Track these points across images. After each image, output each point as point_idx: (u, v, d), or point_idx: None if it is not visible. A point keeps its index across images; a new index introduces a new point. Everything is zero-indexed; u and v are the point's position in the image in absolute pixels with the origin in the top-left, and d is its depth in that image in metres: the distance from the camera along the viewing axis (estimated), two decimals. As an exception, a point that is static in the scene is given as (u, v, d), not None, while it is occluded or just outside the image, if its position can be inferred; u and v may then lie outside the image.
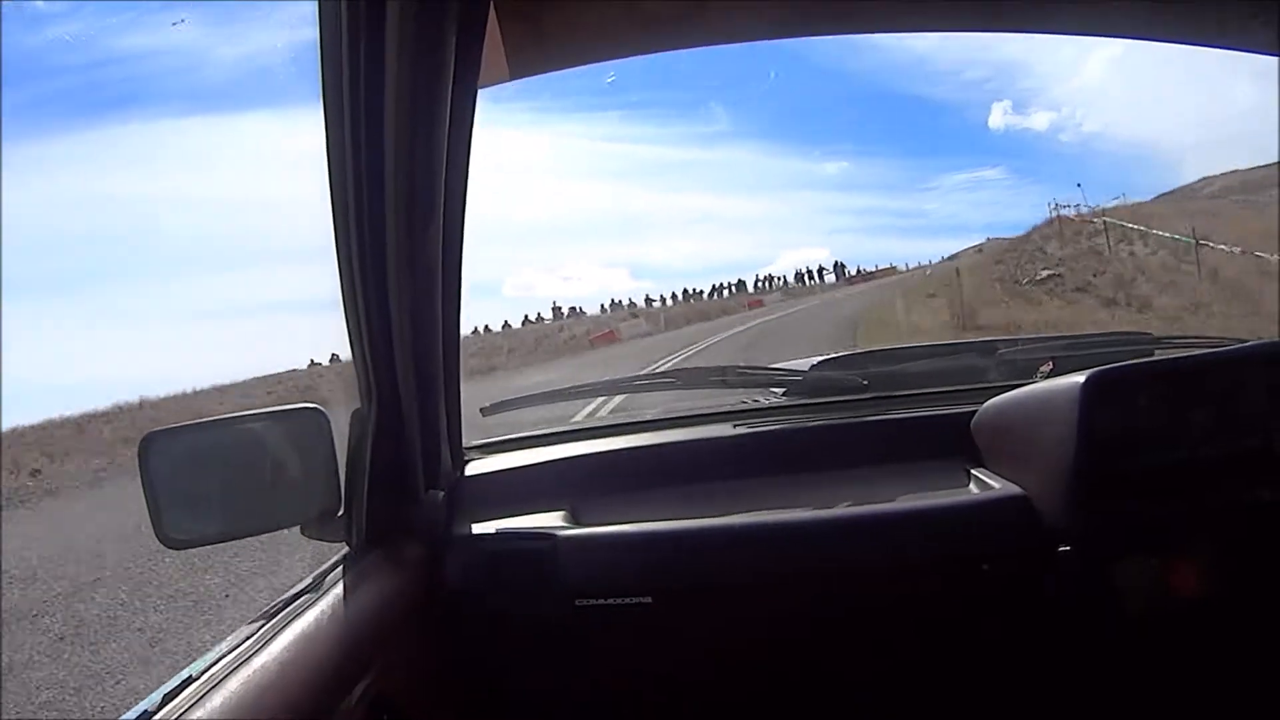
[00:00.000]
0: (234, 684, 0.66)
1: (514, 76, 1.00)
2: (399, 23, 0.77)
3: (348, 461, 0.92)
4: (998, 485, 1.05)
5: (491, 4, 0.91)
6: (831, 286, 31.55)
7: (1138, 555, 1.00)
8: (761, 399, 1.39)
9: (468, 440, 1.18)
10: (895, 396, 1.30)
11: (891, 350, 1.64)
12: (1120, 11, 1.13)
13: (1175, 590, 1.00)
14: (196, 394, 16.86)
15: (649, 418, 1.35)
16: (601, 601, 0.98)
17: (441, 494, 1.02)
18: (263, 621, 0.79)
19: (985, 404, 1.14)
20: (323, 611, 0.81)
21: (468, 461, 1.19)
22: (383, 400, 0.91)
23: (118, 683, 3.42)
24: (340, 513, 0.93)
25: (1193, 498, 1.01)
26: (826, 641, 1.03)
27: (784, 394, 1.37)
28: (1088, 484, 0.96)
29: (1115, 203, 16.38)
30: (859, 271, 32.96)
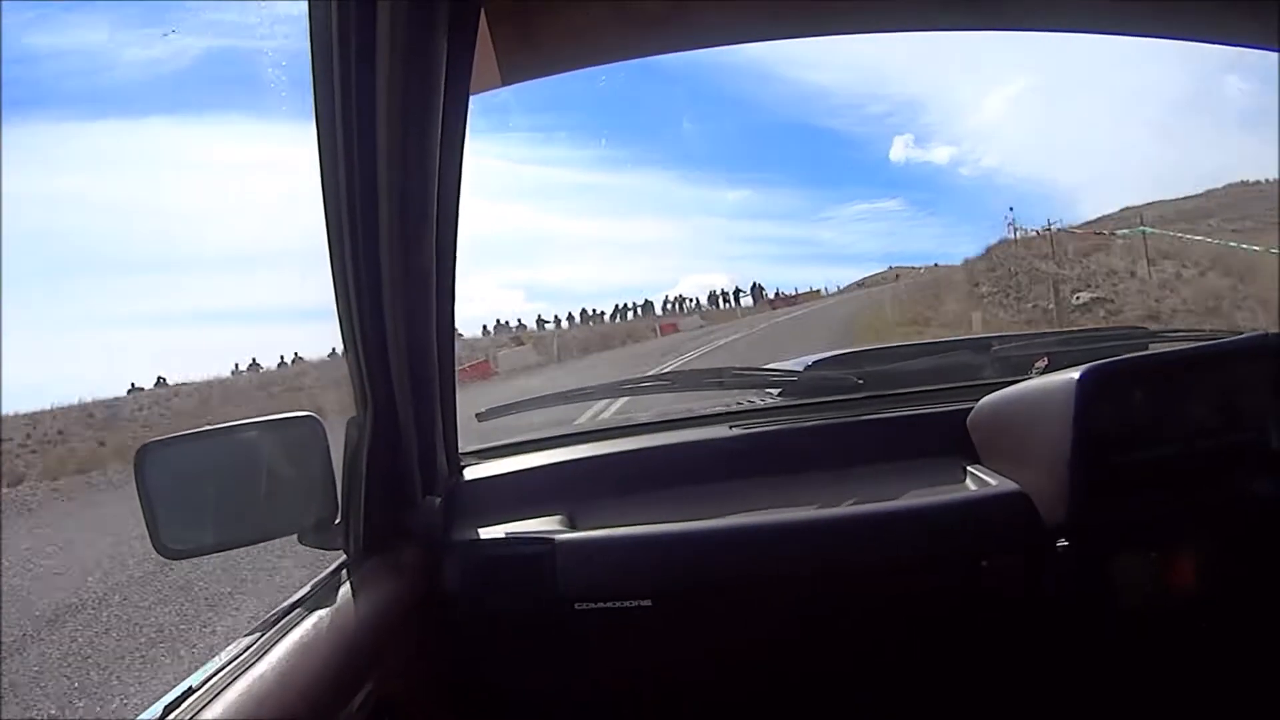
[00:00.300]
0: (234, 694, 0.66)
1: (506, 83, 1.01)
2: (390, 29, 0.77)
3: (344, 468, 0.92)
4: (995, 482, 1.05)
5: (482, 10, 0.91)
6: (750, 310, 28.37)
7: (1135, 550, 1.00)
8: (757, 400, 1.39)
9: (464, 446, 1.18)
10: (891, 395, 1.30)
11: (886, 349, 1.64)
12: (1115, 8, 1.13)
13: (1172, 585, 1.00)
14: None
15: (645, 420, 1.35)
16: (600, 605, 0.98)
17: (438, 500, 1.02)
18: (262, 631, 0.78)
19: (981, 401, 1.14)
20: (321, 619, 0.80)
21: (464, 467, 1.18)
22: (378, 407, 0.91)
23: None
24: (337, 520, 0.93)
25: (1189, 492, 1.01)
26: (826, 641, 1.03)
27: (780, 394, 1.37)
28: (1084, 479, 0.97)
29: (1056, 227, 15.81)
30: (779, 295, 30.16)
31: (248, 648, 0.75)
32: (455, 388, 1.06)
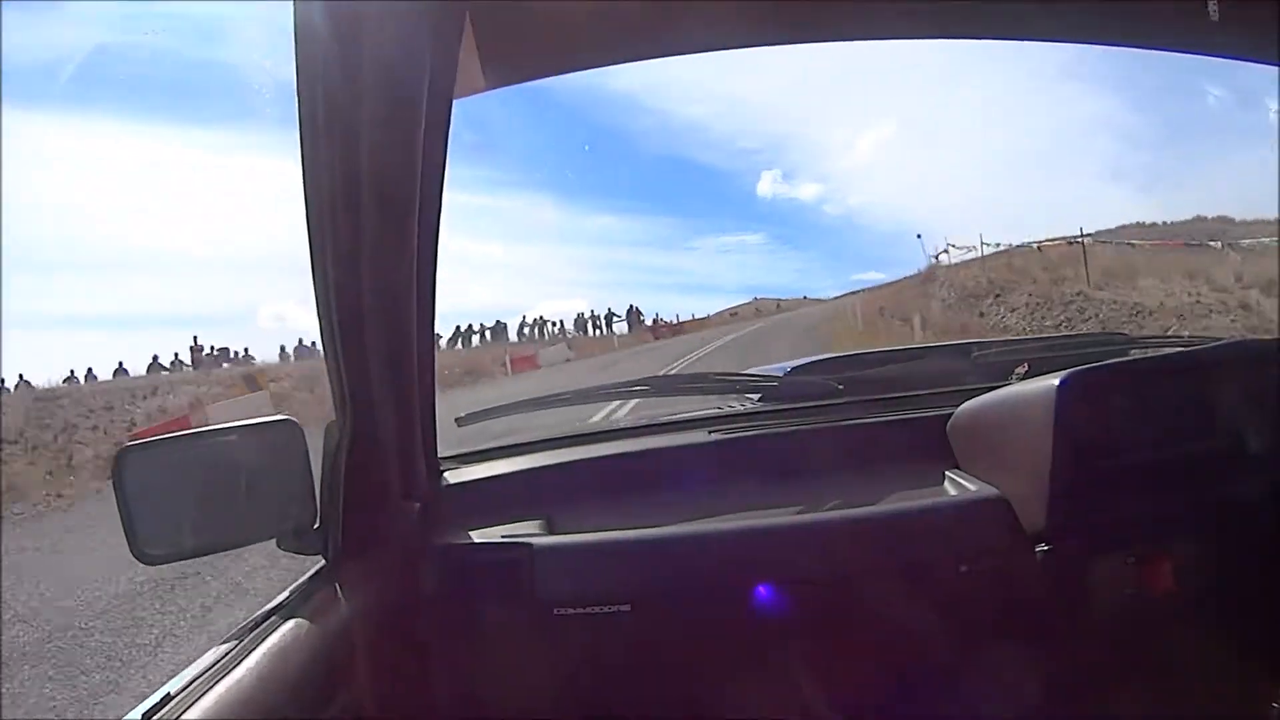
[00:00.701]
0: (212, 699, 0.66)
1: (489, 86, 1.01)
2: (375, 33, 0.78)
3: (323, 473, 0.92)
4: (975, 487, 1.06)
5: (467, 15, 0.91)
6: (627, 338, 24.87)
7: (1115, 553, 1.01)
8: (737, 405, 1.39)
9: (443, 451, 1.17)
10: (871, 400, 1.30)
11: (866, 354, 1.64)
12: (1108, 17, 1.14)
13: (1152, 587, 1.00)
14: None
15: (624, 425, 1.35)
16: (580, 610, 0.98)
17: (417, 505, 1.02)
18: (240, 636, 0.78)
19: (961, 406, 1.14)
20: (300, 625, 0.80)
21: (443, 472, 1.18)
22: (357, 411, 0.90)
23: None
24: (316, 525, 0.92)
25: (1168, 496, 1.02)
26: (806, 646, 1.03)
27: (759, 399, 1.37)
28: (1064, 484, 0.97)
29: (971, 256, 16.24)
30: (659, 321, 26.87)
31: (226, 653, 0.75)
32: (435, 392, 1.05)
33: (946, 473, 1.12)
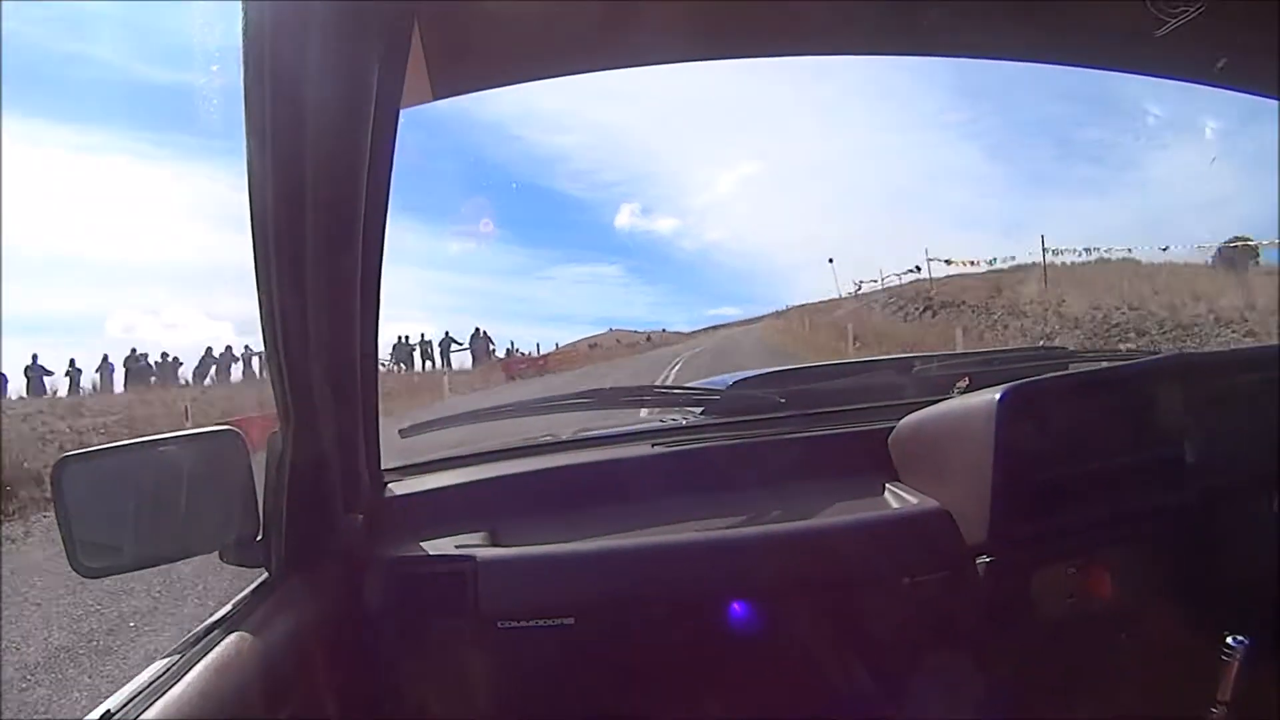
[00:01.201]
0: (153, 715, 0.65)
1: (436, 97, 1.01)
2: (323, 42, 0.77)
3: (265, 484, 0.91)
4: (915, 499, 1.08)
5: (416, 25, 0.91)
6: (468, 374, 18.54)
7: (1056, 562, 1.03)
8: (680, 418, 1.40)
9: (386, 463, 1.17)
10: (813, 414, 1.31)
11: (809, 368, 1.65)
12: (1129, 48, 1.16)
13: (1093, 594, 1.03)
14: None
15: (567, 438, 1.35)
16: (524, 623, 0.98)
17: (361, 517, 1.01)
18: (182, 651, 0.77)
19: (903, 420, 1.16)
20: (243, 639, 0.79)
21: (387, 484, 1.17)
22: (300, 422, 0.90)
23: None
24: (259, 537, 0.91)
25: (1108, 505, 1.04)
26: (749, 659, 1.04)
27: (702, 413, 1.38)
28: (1006, 496, 0.99)
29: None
30: (513, 354, 20.87)
31: (167, 669, 0.74)
32: (378, 403, 1.05)
33: (886, 485, 1.14)
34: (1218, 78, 1.19)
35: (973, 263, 15.73)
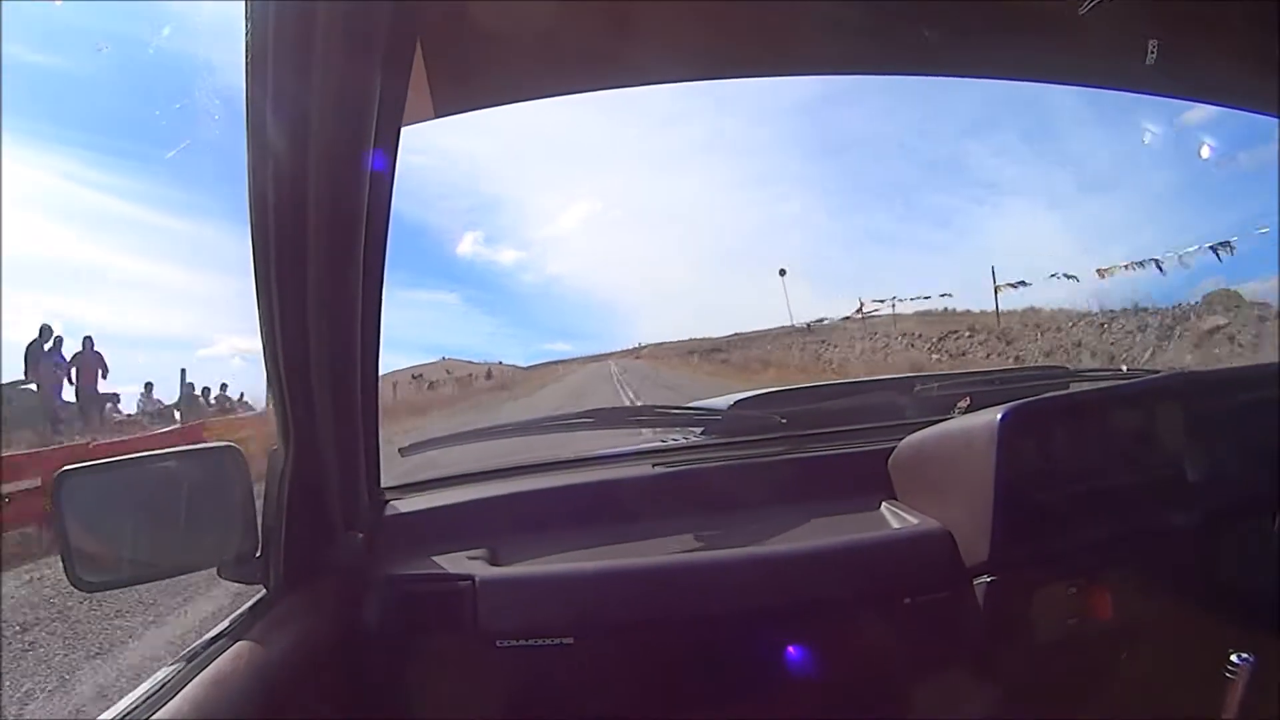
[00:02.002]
0: None
1: (438, 115, 1.02)
2: (326, 60, 0.77)
3: (265, 501, 0.91)
4: (917, 520, 1.07)
5: (418, 44, 0.92)
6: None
7: (1056, 583, 1.02)
8: (680, 438, 1.39)
9: (386, 481, 1.17)
10: (813, 434, 1.31)
11: (809, 388, 1.64)
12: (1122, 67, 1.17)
13: (1094, 615, 1.02)
14: None
15: (568, 458, 1.35)
16: (522, 643, 0.97)
17: (360, 535, 1.01)
18: (179, 665, 0.77)
19: (904, 440, 1.16)
20: (240, 655, 0.80)
21: (386, 502, 1.17)
22: (300, 440, 0.90)
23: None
24: (258, 554, 0.91)
25: (1109, 525, 1.04)
26: (750, 678, 1.04)
27: (702, 433, 1.37)
28: (1006, 516, 0.99)
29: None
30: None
31: (165, 682, 0.74)
32: (379, 421, 1.05)
33: (884, 504, 1.14)
34: (1215, 96, 1.19)
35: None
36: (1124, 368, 1.51)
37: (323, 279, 0.86)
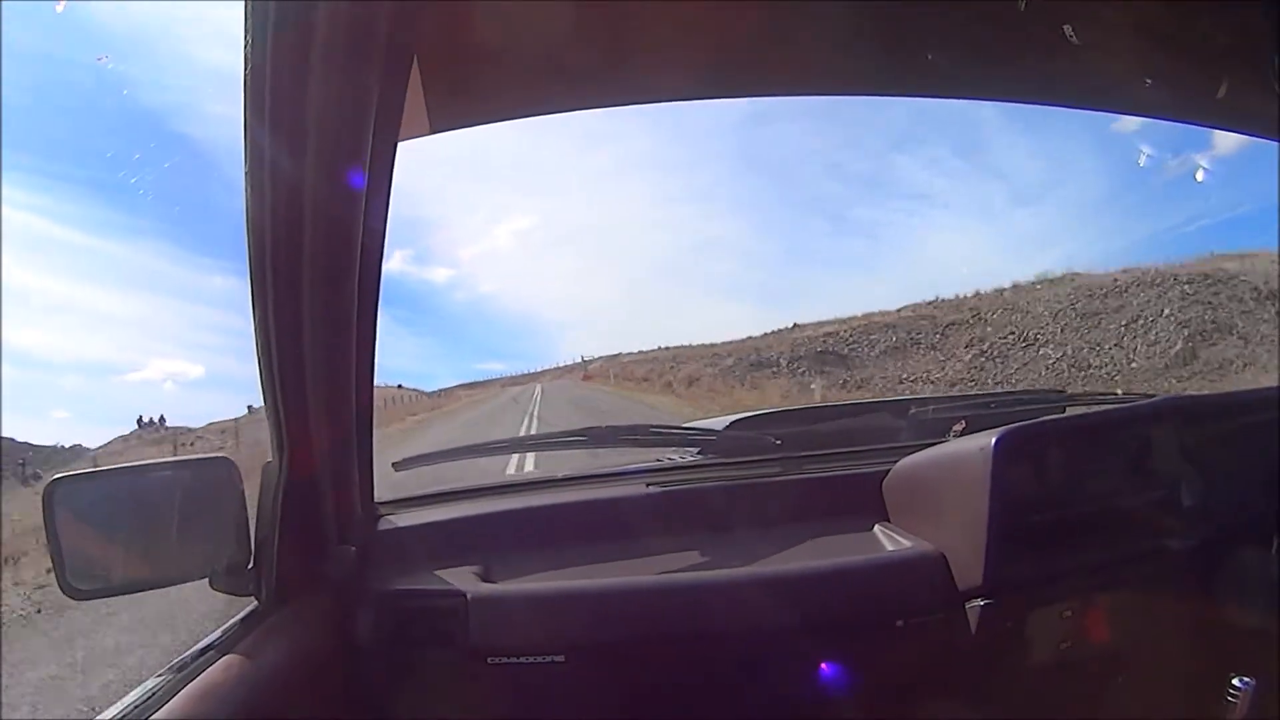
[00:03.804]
0: None
1: (434, 130, 1.02)
2: (323, 76, 0.78)
3: (258, 513, 0.91)
4: (910, 543, 1.07)
5: (414, 59, 0.92)
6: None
7: (1051, 605, 1.02)
8: (675, 458, 1.39)
9: (379, 496, 1.17)
10: (808, 455, 1.30)
11: (805, 409, 1.66)
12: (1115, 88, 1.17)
13: (1088, 638, 1.02)
14: None
15: (562, 476, 1.34)
16: (514, 660, 0.97)
17: (352, 549, 1.01)
18: (168, 677, 0.77)
19: (898, 463, 1.16)
20: (230, 667, 0.80)
21: (380, 517, 1.17)
22: (294, 453, 0.90)
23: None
24: (250, 565, 0.91)
25: (1104, 548, 1.03)
26: (741, 701, 1.03)
27: (697, 453, 1.37)
28: (1000, 539, 0.98)
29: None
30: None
31: (152, 693, 0.74)
32: (373, 435, 1.05)
33: (877, 526, 1.14)
34: (1215, 119, 1.19)
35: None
36: (1119, 391, 1.51)
37: (318, 294, 0.86)
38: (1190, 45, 1.03)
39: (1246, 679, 0.96)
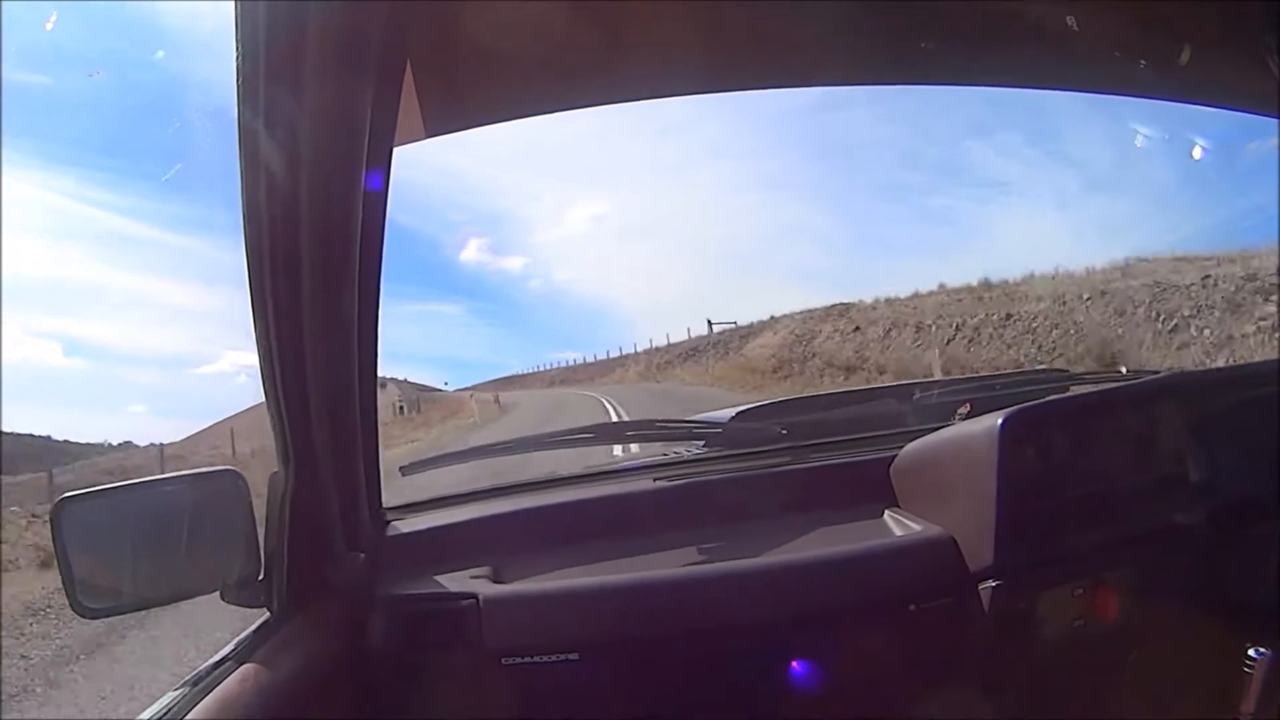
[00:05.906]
0: None
1: (429, 134, 1.01)
2: (317, 81, 0.77)
3: (267, 524, 0.91)
4: (920, 527, 1.07)
5: (408, 63, 0.91)
6: None
7: (1062, 585, 1.02)
8: (682, 451, 1.39)
9: (388, 501, 1.17)
10: (814, 444, 1.30)
11: (809, 399, 1.65)
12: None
13: (1100, 616, 1.02)
14: None
15: (569, 474, 1.35)
16: (528, 660, 0.97)
17: (362, 556, 1.01)
18: (184, 690, 0.77)
19: (905, 448, 1.16)
20: (245, 678, 0.80)
21: (388, 522, 1.17)
22: (300, 462, 0.90)
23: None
24: (260, 577, 0.91)
25: (1113, 527, 1.03)
26: (756, 691, 1.04)
27: (703, 446, 1.37)
28: (1010, 521, 0.99)
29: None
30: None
31: (170, 707, 0.74)
32: (378, 441, 1.05)
33: (887, 512, 1.14)
34: (1215, 100, 1.19)
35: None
36: (1123, 369, 1.51)
37: (318, 301, 0.86)
38: (1186, 26, 1.02)
39: (1262, 649, 0.97)
